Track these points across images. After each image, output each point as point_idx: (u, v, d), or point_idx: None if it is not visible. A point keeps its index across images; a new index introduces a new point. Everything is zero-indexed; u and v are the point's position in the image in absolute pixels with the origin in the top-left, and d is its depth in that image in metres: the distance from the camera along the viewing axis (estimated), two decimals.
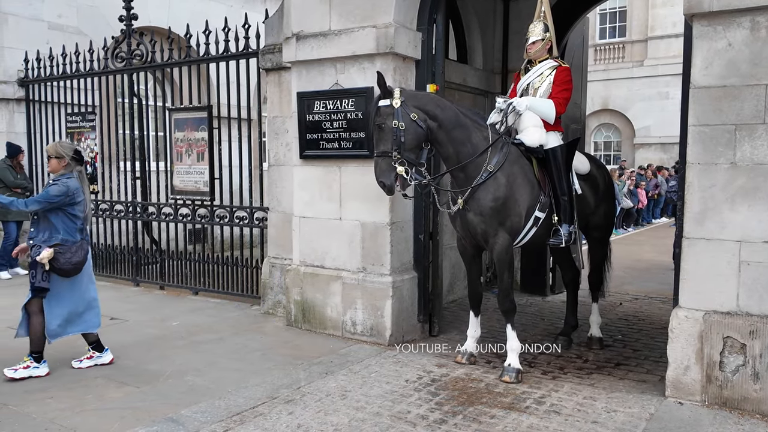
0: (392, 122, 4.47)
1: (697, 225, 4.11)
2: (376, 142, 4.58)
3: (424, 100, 4.68)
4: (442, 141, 4.71)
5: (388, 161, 4.49)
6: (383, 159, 4.51)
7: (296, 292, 6.12)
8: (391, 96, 4.51)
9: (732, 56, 3.95)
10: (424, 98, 4.75)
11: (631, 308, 7.16)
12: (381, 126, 4.52)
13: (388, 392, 4.44)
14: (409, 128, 4.50)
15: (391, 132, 4.48)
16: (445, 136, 4.70)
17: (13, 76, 9.42)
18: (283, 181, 6.63)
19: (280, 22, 6.39)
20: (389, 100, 4.50)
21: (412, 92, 4.79)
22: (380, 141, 4.55)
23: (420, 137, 4.59)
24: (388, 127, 4.48)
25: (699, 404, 4.12)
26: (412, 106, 4.54)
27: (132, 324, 6.34)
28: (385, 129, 4.50)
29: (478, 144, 4.75)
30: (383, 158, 4.51)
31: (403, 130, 4.47)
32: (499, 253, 4.76)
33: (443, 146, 4.74)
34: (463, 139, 4.72)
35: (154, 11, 10.76)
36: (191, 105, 7.66)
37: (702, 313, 4.10)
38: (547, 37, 5.13)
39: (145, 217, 8.28)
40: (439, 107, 4.69)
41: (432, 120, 4.62)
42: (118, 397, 4.42)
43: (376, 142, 4.59)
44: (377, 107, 4.56)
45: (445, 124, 4.67)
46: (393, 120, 4.47)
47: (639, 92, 24.35)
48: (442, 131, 4.67)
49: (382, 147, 4.53)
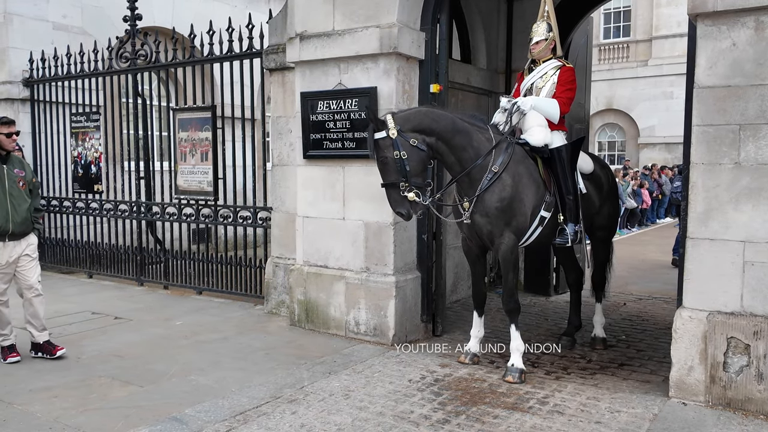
0: (393, 153, 4.43)
1: (701, 225, 4.10)
2: (382, 174, 4.55)
3: (417, 119, 4.58)
4: (443, 151, 4.70)
5: (398, 191, 4.48)
6: (393, 190, 4.50)
7: (300, 291, 6.13)
8: (386, 127, 4.44)
9: (736, 56, 3.94)
10: (416, 117, 4.62)
11: (635, 308, 7.15)
12: (383, 160, 4.49)
13: (391, 392, 4.44)
14: (411, 155, 4.47)
15: (394, 164, 4.45)
16: (445, 147, 4.67)
17: (18, 76, 9.45)
18: (286, 181, 6.64)
19: (283, 22, 6.40)
20: (384, 132, 4.44)
21: (404, 115, 4.60)
22: (386, 173, 4.52)
23: (424, 160, 4.58)
24: (391, 159, 4.45)
25: (703, 405, 4.11)
26: (409, 131, 4.48)
27: (136, 323, 6.35)
28: (388, 162, 4.47)
29: (480, 146, 4.73)
30: (393, 189, 4.50)
31: (405, 159, 4.44)
32: (504, 253, 4.76)
33: (445, 156, 4.73)
34: (464, 145, 4.70)
35: (159, 12, 10.79)
36: (195, 105, 7.67)
37: (706, 313, 4.09)
38: (550, 37, 5.12)
39: (149, 217, 8.30)
40: (434, 120, 4.62)
41: (430, 136, 4.58)
42: (123, 396, 4.43)
43: (381, 174, 4.56)
44: (375, 141, 4.50)
45: (443, 136, 4.63)
46: (393, 151, 4.43)
47: (643, 92, 24.29)
48: (441, 143, 4.65)
49: (390, 179, 4.50)
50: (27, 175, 5.23)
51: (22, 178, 5.15)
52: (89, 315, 6.67)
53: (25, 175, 5.19)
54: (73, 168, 9.14)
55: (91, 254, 8.97)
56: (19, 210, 5.06)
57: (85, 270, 8.99)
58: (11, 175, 5.07)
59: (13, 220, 5.02)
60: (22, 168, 5.23)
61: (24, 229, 5.12)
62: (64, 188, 9.36)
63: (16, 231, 5.05)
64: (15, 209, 5.04)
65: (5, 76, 9.42)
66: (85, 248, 9.03)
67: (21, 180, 5.14)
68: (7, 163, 5.10)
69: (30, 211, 5.18)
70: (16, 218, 5.03)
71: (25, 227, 5.13)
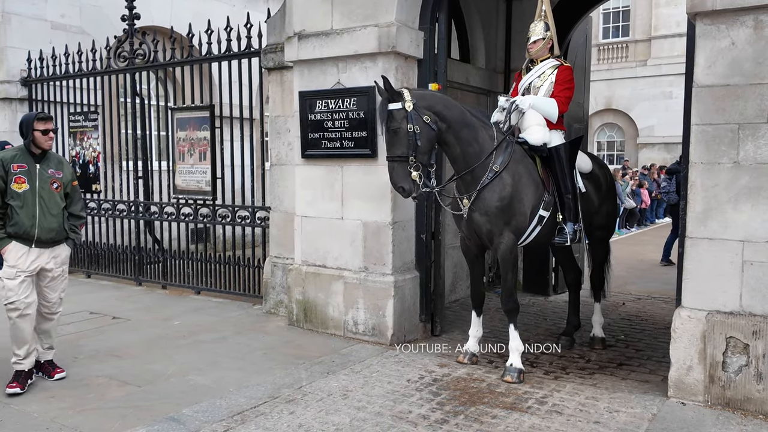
0: (407, 126, 4.41)
1: (699, 225, 4.09)
2: (390, 146, 4.50)
3: (432, 101, 4.62)
4: (450, 142, 4.68)
5: (404, 166, 4.42)
6: (399, 164, 4.43)
7: (298, 291, 6.12)
8: (402, 99, 4.44)
9: (735, 55, 3.93)
10: (432, 98, 4.68)
11: (634, 308, 7.14)
12: (396, 130, 4.44)
13: (390, 392, 4.43)
14: (423, 131, 4.46)
15: (406, 136, 4.41)
16: (453, 137, 4.66)
17: (16, 75, 9.42)
18: (285, 181, 6.63)
19: (282, 21, 6.39)
20: (401, 104, 4.43)
21: (419, 92, 4.69)
22: (394, 145, 4.47)
23: (432, 140, 4.56)
24: (403, 131, 4.41)
25: (702, 405, 4.10)
26: (423, 108, 4.49)
27: (134, 323, 6.34)
28: (400, 133, 4.43)
29: (485, 144, 4.73)
30: (399, 163, 4.44)
31: (418, 133, 4.42)
32: (503, 253, 4.75)
33: (451, 147, 4.71)
34: (470, 140, 4.70)
35: (157, 11, 10.76)
36: (193, 104, 7.66)
37: (705, 313, 4.09)
38: (548, 36, 5.12)
39: (148, 217, 8.28)
40: (447, 107, 4.65)
41: (441, 121, 4.58)
42: (120, 396, 4.42)
43: (389, 146, 4.51)
44: (389, 111, 4.45)
45: (453, 125, 4.63)
46: (407, 124, 4.41)
47: (642, 92, 24.29)
48: (450, 132, 4.64)
49: (398, 151, 4.44)
50: (65, 176, 4.67)
51: (58, 179, 4.60)
52: (87, 315, 6.65)
53: (62, 177, 4.64)
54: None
55: (90, 254, 8.95)
56: (49, 214, 4.51)
57: (83, 270, 8.97)
58: (44, 176, 4.52)
59: (40, 225, 4.45)
60: (61, 168, 4.67)
61: (54, 236, 4.55)
62: None
63: (43, 237, 4.48)
64: (44, 213, 4.48)
65: (3, 76, 9.39)
66: (83, 248, 9.00)
67: (56, 181, 4.59)
68: (42, 162, 4.56)
69: (64, 216, 4.62)
70: (44, 223, 4.47)
71: (55, 234, 4.55)
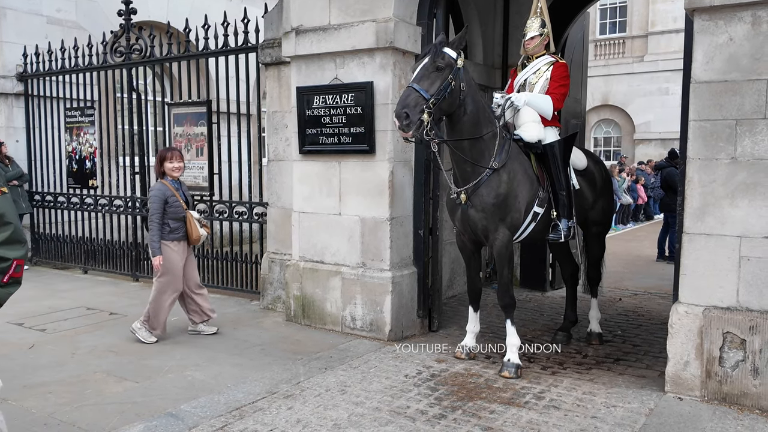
0: (448, 74, 4.34)
1: (697, 220, 4.10)
2: (419, 78, 4.29)
3: (467, 77, 4.58)
4: (464, 130, 4.61)
5: (421, 100, 4.21)
6: (418, 95, 4.21)
7: (296, 287, 6.12)
8: (460, 56, 4.43)
9: (733, 51, 3.94)
10: (472, 80, 4.68)
11: (631, 304, 7.16)
12: (438, 68, 4.30)
13: (388, 387, 4.44)
14: (455, 92, 4.42)
15: (441, 79, 4.31)
16: (468, 126, 4.61)
17: (12, 70, 9.39)
18: (282, 177, 6.62)
19: (279, 16, 6.37)
20: (456, 56, 4.40)
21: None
22: (425, 78, 4.28)
23: (453, 106, 4.49)
24: (443, 75, 4.32)
25: (698, 399, 4.12)
26: (466, 78, 4.50)
27: (131, 319, 6.31)
28: (438, 73, 4.30)
29: (489, 139, 4.69)
30: (419, 95, 4.22)
31: (452, 88, 4.38)
32: (499, 249, 4.76)
33: (461, 133, 4.63)
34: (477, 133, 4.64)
35: (153, 6, 10.74)
36: (190, 100, 7.63)
37: (702, 308, 4.10)
38: (544, 33, 5.12)
39: (145, 212, 8.25)
40: (476, 98, 4.62)
41: (471, 102, 4.56)
42: (118, 392, 4.42)
43: (419, 78, 4.29)
44: (443, 51, 4.35)
45: (470, 114, 4.60)
46: (449, 73, 4.34)
47: (639, 88, 24.34)
48: (469, 118, 4.59)
49: (425, 85, 4.25)
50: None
51: None
52: (84, 311, 6.65)
53: None
54: (68, 163, 9.09)
55: (86, 250, 8.93)
56: None
57: (80, 265, 8.96)
58: None
59: None
60: None
61: None
62: (58, 183, 9.33)
63: None
64: None
65: None
66: (79, 244, 9.00)
67: None
68: None
69: None
70: None
71: None
